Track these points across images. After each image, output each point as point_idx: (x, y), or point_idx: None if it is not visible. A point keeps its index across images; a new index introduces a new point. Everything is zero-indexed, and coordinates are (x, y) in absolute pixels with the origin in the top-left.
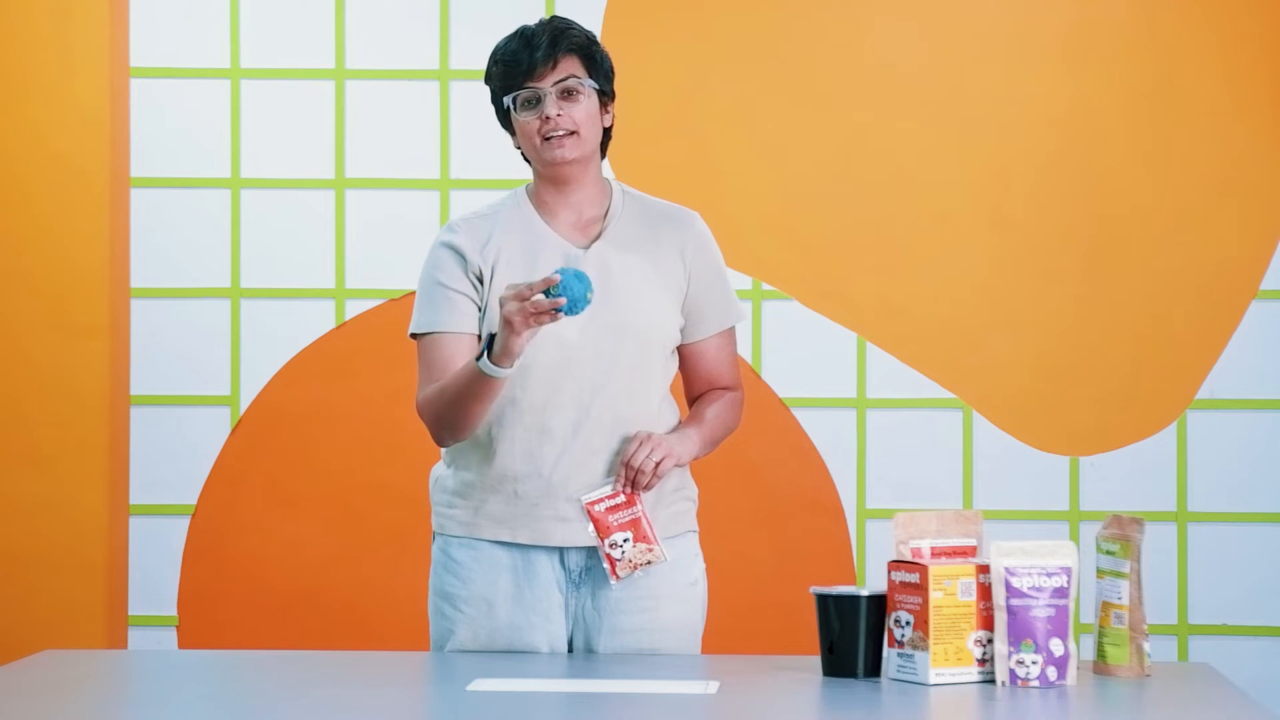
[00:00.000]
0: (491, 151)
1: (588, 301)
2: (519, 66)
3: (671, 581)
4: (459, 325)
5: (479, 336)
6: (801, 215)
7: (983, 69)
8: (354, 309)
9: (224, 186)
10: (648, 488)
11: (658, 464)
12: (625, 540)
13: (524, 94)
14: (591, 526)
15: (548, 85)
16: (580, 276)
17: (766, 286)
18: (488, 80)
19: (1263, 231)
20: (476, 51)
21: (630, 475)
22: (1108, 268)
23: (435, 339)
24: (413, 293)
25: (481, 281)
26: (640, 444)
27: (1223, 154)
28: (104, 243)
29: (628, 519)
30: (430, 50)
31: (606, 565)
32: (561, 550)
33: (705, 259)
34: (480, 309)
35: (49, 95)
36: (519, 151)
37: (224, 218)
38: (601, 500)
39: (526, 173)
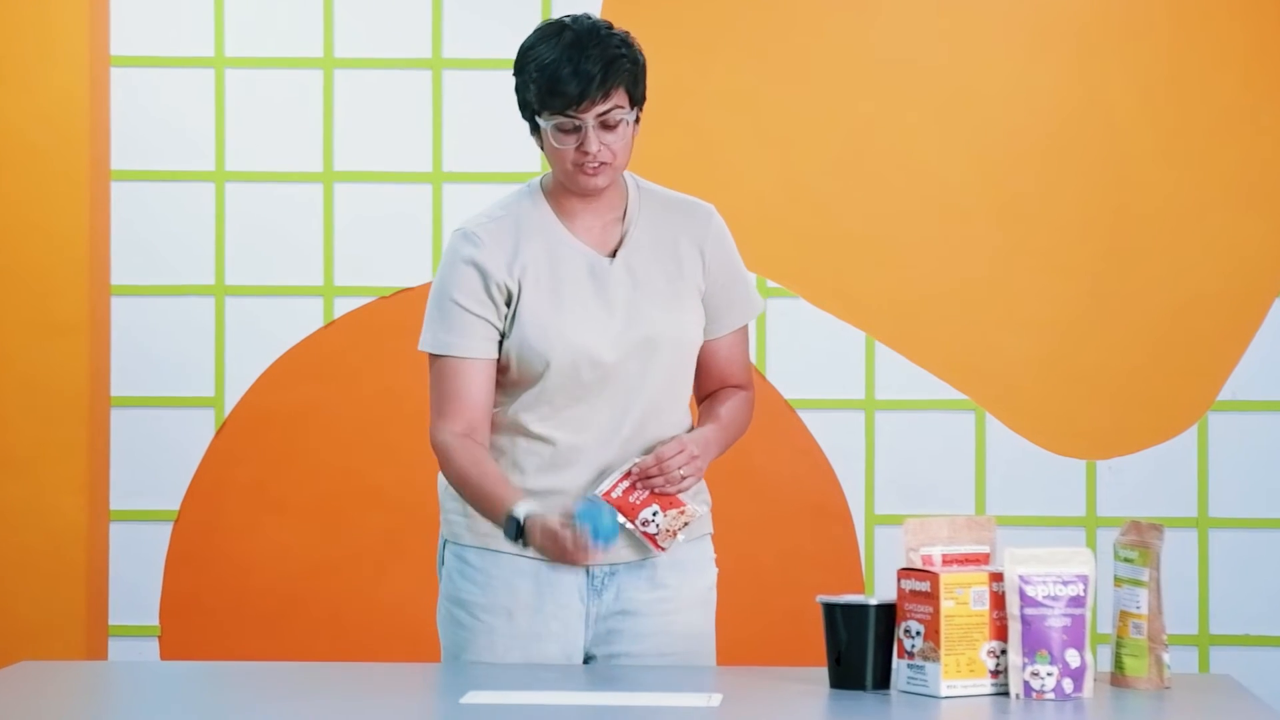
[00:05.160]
0: (486, 144)
1: (616, 531)
2: (564, 95)
3: (693, 585)
4: (473, 350)
5: (496, 359)
6: (807, 210)
7: (995, 60)
8: (343, 307)
9: (208, 180)
10: (656, 491)
11: (683, 478)
12: (654, 514)
13: (564, 122)
14: (619, 515)
15: (591, 117)
16: (601, 517)
17: (771, 284)
18: (519, 79)
19: None
20: (470, 39)
21: (656, 472)
22: (1125, 265)
23: (447, 362)
24: (403, 291)
25: (509, 301)
26: (680, 453)
27: (1243, 146)
28: (83, 238)
29: (646, 493)
30: (422, 38)
31: (648, 543)
32: None
33: (722, 255)
34: (501, 330)
35: (26, 85)
36: (536, 143)
37: (208, 212)
38: (616, 486)
39: (522, 165)
